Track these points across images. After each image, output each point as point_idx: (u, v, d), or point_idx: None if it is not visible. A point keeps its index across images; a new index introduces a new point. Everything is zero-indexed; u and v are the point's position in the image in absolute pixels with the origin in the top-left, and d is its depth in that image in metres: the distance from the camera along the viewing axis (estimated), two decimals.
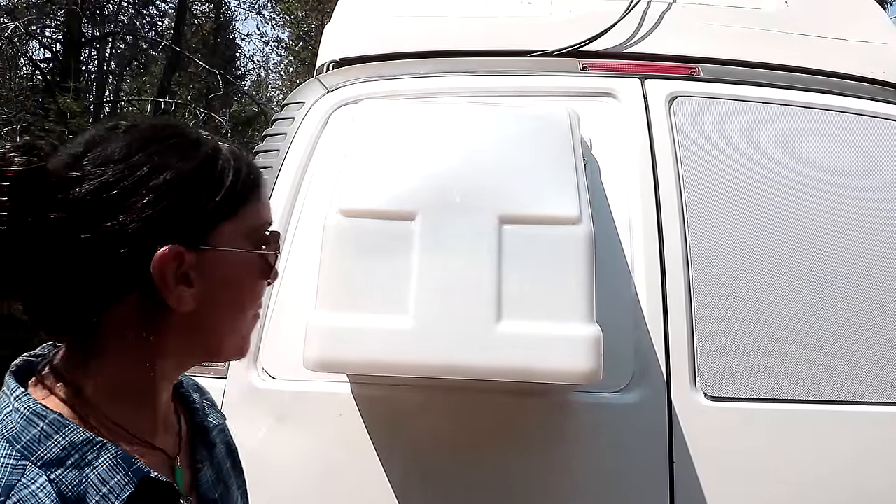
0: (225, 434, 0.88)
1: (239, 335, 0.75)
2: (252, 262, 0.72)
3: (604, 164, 1.56)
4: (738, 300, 1.44)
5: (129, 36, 13.39)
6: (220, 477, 0.81)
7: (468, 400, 1.34)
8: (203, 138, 0.71)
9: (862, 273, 1.47)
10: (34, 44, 11.97)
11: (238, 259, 0.71)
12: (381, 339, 1.15)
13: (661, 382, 1.40)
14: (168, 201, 0.64)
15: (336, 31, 1.86)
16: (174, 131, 0.70)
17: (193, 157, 0.67)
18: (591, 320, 1.15)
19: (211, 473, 0.78)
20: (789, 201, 1.51)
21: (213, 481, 0.78)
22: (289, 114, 1.64)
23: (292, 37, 15.28)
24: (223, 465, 0.83)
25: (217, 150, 0.70)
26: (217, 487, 0.78)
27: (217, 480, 0.79)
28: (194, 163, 0.67)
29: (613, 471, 1.38)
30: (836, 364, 1.41)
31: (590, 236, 1.19)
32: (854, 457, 1.38)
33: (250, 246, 0.72)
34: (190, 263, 0.65)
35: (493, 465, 1.38)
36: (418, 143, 1.33)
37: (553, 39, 1.75)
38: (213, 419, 0.86)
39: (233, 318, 0.73)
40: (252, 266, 0.73)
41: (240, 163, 0.71)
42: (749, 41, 1.75)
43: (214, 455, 0.81)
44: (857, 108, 1.62)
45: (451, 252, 1.18)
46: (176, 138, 0.68)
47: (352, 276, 1.18)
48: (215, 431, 0.84)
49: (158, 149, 0.66)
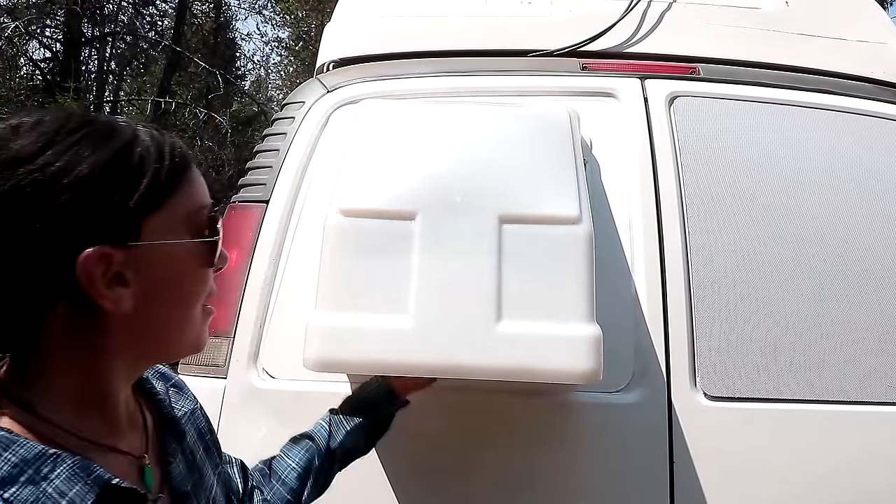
0: (196, 418, 0.86)
1: (192, 329, 0.71)
2: (192, 250, 0.68)
3: (604, 164, 1.56)
4: (738, 300, 1.44)
5: (130, 36, 13.40)
6: (194, 466, 0.79)
7: (468, 400, 1.34)
8: (118, 126, 0.65)
9: (863, 273, 1.47)
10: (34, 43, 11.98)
11: (176, 250, 0.66)
12: (381, 339, 1.15)
13: (661, 382, 1.40)
14: (85, 200, 0.60)
15: (336, 31, 1.86)
16: (84, 122, 0.63)
17: (107, 149, 0.62)
18: (591, 320, 1.15)
19: (182, 465, 0.76)
20: (789, 201, 1.51)
21: (185, 473, 0.76)
22: (289, 113, 1.64)
23: (292, 37, 15.29)
24: (196, 453, 0.81)
25: (135, 137, 0.65)
26: (189, 478, 0.76)
27: (189, 471, 0.77)
28: (108, 155, 0.62)
29: (613, 471, 1.38)
30: (836, 364, 1.41)
31: (590, 236, 1.19)
32: (855, 457, 1.38)
33: (188, 234, 0.68)
34: (120, 262, 0.62)
35: (492, 465, 1.38)
36: (418, 142, 1.33)
37: (553, 39, 1.75)
38: (181, 406, 0.83)
39: (181, 312, 0.69)
40: (193, 255, 0.68)
41: (161, 148, 0.66)
42: (749, 41, 1.75)
43: (185, 445, 0.79)
44: (857, 107, 1.62)
45: (451, 252, 1.18)
46: (86, 130, 0.63)
47: (352, 276, 1.18)
48: (184, 420, 0.81)
49: (68, 144, 0.61)
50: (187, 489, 0.75)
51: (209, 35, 14.31)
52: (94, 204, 0.60)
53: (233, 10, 15.59)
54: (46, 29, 12.12)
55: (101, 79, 14.08)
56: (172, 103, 10.93)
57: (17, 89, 10.91)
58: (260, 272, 1.48)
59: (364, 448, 1.20)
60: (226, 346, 1.44)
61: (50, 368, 0.63)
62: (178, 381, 0.88)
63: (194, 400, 0.88)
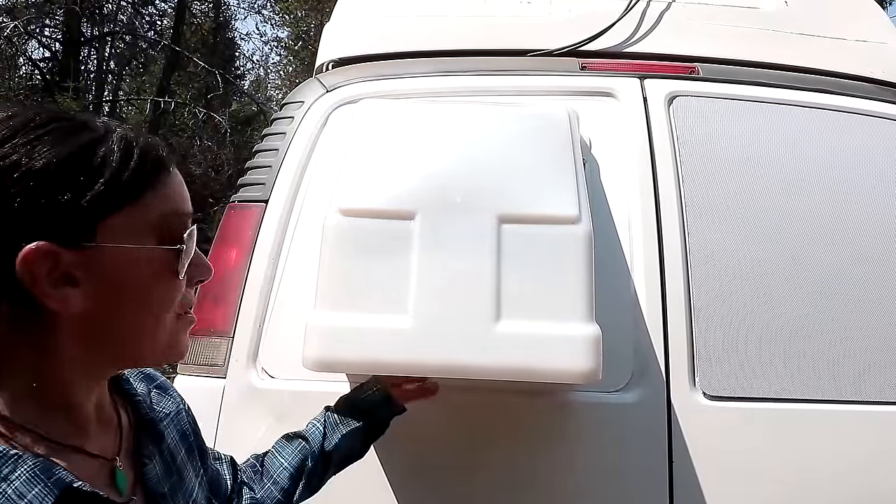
0: (179, 420, 0.84)
1: (163, 336, 0.68)
2: (156, 256, 0.65)
3: (603, 164, 1.56)
4: (737, 300, 1.44)
5: (129, 35, 13.39)
6: (172, 468, 0.77)
7: (467, 399, 1.34)
8: (90, 124, 0.63)
9: (862, 272, 1.47)
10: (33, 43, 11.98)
11: (136, 254, 0.63)
12: (380, 339, 1.15)
13: (660, 382, 1.40)
14: (34, 195, 0.57)
15: (335, 31, 1.86)
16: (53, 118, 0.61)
17: (68, 145, 0.60)
18: (590, 320, 1.15)
19: (159, 467, 0.75)
20: (788, 201, 1.51)
21: (163, 474, 0.75)
22: (288, 113, 1.64)
23: (291, 36, 15.30)
24: (176, 453, 0.80)
25: (104, 136, 0.63)
26: (167, 480, 0.75)
27: (167, 473, 0.76)
28: (67, 151, 0.59)
29: (613, 470, 1.38)
30: (835, 364, 1.41)
31: (589, 236, 1.19)
32: (854, 457, 1.38)
33: (154, 239, 0.64)
34: (70, 262, 0.59)
35: (492, 464, 1.38)
36: (418, 142, 1.33)
37: (552, 39, 1.75)
38: (163, 408, 0.82)
39: (146, 317, 0.66)
40: (155, 263, 0.65)
41: (131, 149, 0.63)
42: (748, 41, 1.75)
43: (164, 447, 0.77)
44: (856, 107, 1.62)
45: (450, 252, 1.18)
46: (53, 126, 0.61)
47: (351, 276, 1.18)
48: (165, 421, 0.80)
49: (29, 139, 0.59)
50: (163, 491, 0.73)
51: (208, 35, 14.31)
52: (43, 200, 0.58)
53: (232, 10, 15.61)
54: (45, 28, 12.12)
55: (101, 78, 14.07)
56: (171, 103, 10.93)
57: (16, 89, 10.90)
58: (259, 272, 1.48)
59: (359, 452, 1.20)
60: (225, 345, 1.44)
61: (6, 370, 0.61)
62: (162, 382, 0.86)
63: (179, 401, 0.87)
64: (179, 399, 0.87)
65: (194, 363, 1.44)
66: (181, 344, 0.71)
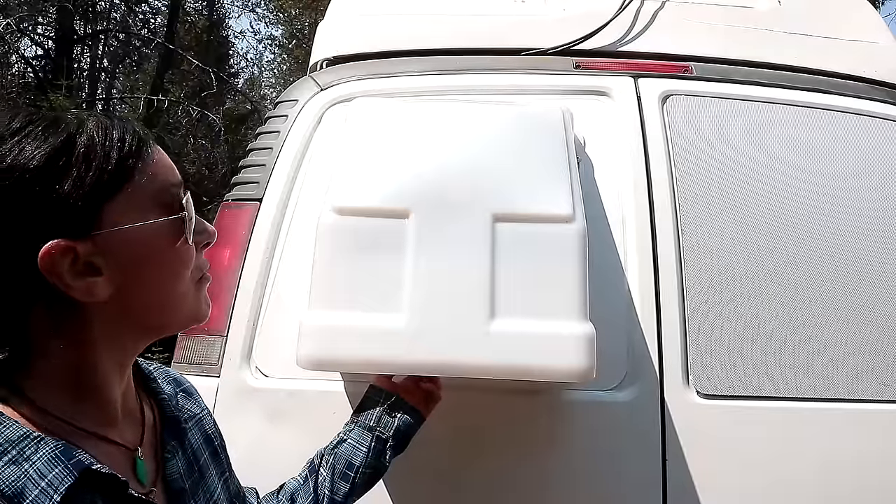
0: (203, 423, 0.87)
1: (185, 301, 0.72)
2: (163, 228, 0.68)
3: (597, 163, 1.56)
4: (730, 298, 1.45)
5: (122, 33, 13.32)
6: (195, 466, 0.80)
7: (461, 398, 1.34)
8: (61, 119, 0.65)
9: (855, 272, 1.48)
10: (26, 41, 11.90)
11: (144, 231, 0.66)
12: (374, 338, 1.15)
13: (653, 380, 1.41)
14: (33, 198, 0.60)
15: (329, 29, 1.86)
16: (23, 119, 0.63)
17: (50, 143, 0.62)
18: (584, 318, 1.15)
19: (182, 463, 0.77)
20: (782, 199, 1.52)
21: (185, 470, 0.77)
22: (282, 112, 1.63)
23: (286, 34, 15.25)
24: (200, 454, 0.82)
25: (79, 128, 0.64)
26: (189, 477, 0.77)
27: (189, 470, 0.78)
28: (51, 148, 0.61)
29: (606, 468, 1.38)
30: (829, 362, 1.42)
31: (583, 234, 1.20)
32: (848, 454, 1.39)
33: (157, 213, 0.67)
34: (87, 252, 0.62)
35: (486, 463, 1.38)
36: (412, 141, 1.33)
37: (547, 38, 1.75)
38: (189, 408, 0.85)
39: (168, 288, 0.69)
40: (164, 234, 0.68)
41: (109, 134, 0.65)
42: (742, 40, 1.76)
43: (187, 445, 0.80)
44: (849, 106, 1.63)
45: (444, 250, 1.18)
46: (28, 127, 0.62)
47: (345, 275, 1.18)
48: (191, 422, 0.83)
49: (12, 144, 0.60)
50: (184, 486, 0.75)
51: (202, 33, 14.25)
52: (42, 201, 0.60)
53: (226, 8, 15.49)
54: (38, 26, 12.04)
55: (94, 76, 14.00)
56: (165, 101, 10.87)
57: (8, 87, 10.84)
58: (253, 270, 1.47)
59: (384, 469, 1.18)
60: (219, 344, 1.44)
61: (43, 361, 0.64)
62: (188, 386, 0.90)
63: (204, 406, 0.90)
64: (203, 405, 0.90)
65: (188, 362, 1.44)
66: (203, 306, 0.75)
